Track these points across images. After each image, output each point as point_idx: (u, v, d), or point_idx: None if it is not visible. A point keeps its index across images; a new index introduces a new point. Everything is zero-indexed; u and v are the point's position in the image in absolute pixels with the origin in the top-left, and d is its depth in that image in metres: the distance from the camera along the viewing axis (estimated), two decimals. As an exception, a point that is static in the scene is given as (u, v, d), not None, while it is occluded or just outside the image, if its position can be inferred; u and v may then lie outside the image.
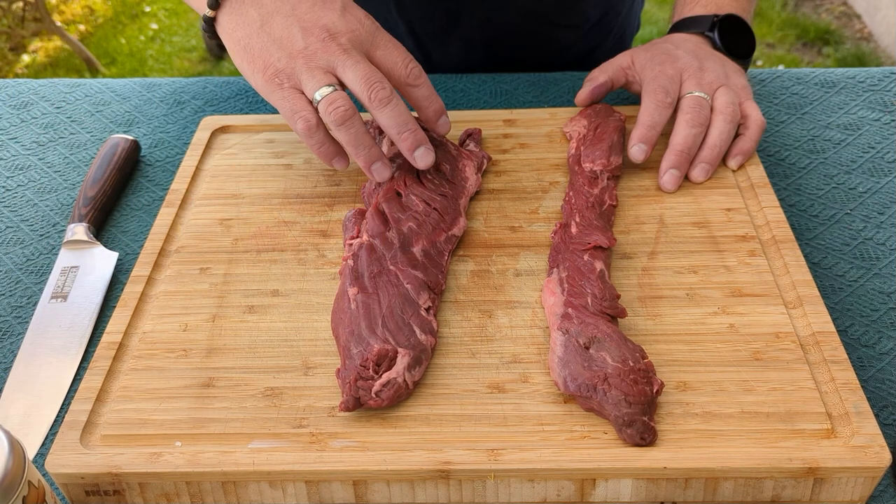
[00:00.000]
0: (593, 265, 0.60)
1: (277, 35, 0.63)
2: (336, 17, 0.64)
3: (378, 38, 0.65)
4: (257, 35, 0.64)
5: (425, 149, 0.64)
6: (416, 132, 0.64)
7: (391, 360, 0.53)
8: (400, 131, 0.63)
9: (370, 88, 0.62)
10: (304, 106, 0.63)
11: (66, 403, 0.59)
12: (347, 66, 0.62)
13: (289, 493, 0.51)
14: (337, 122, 0.62)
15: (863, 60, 2.74)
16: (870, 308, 0.63)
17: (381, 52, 0.65)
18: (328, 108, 0.62)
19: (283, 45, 0.63)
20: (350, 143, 0.63)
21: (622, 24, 1.02)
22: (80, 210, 0.73)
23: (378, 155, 0.64)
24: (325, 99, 0.62)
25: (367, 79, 0.62)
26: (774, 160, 0.79)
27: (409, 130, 0.63)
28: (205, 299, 0.62)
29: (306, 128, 0.63)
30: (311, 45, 0.63)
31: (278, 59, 0.63)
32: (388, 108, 0.62)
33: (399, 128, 0.63)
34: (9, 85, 0.94)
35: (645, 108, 0.72)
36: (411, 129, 0.63)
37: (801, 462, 0.49)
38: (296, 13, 0.64)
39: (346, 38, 0.63)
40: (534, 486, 0.51)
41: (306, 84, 0.62)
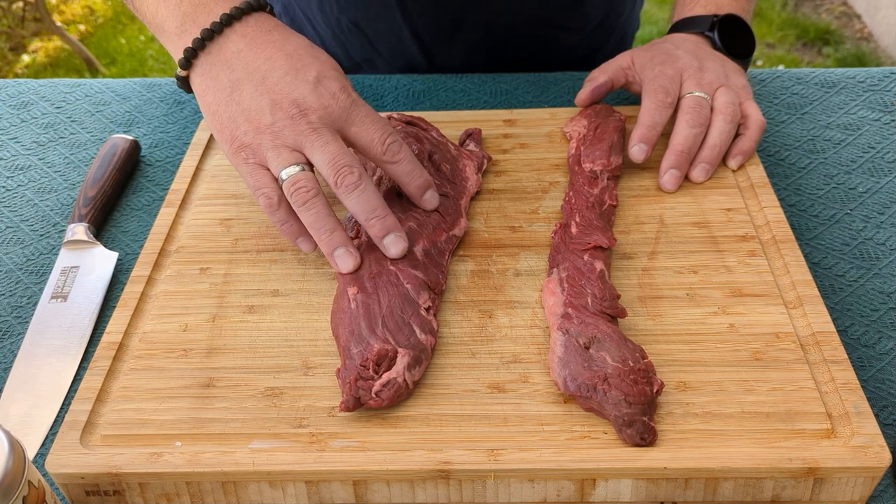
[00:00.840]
0: (593, 265, 0.60)
1: (246, 106, 0.60)
2: (308, 91, 0.60)
3: (353, 114, 0.61)
4: (226, 103, 0.61)
5: (395, 236, 0.60)
6: (386, 218, 0.60)
7: (391, 360, 0.53)
8: (368, 218, 0.59)
9: (337, 173, 0.59)
10: (266, 182, 0.60)
11: (66, 403, 0.59)
12: (316, 146, 0.59)
13: (289, 493, 0.51)
14: (299, 203, 0.59)
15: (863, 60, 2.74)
16: (870, 308, 0.63)
17: (356, 130, 0.61)
18: (291, 188, 0.59)
19: (250, 118, 0.60)
20: (312, 225, 0.60)
21: (624, 26, 1.02)
22: (80, 210, 0.73)
23: (341, 240, 0.60)
24: (289, 179, 0.59)
25: (335, 162, 0.59)
26: (774, 160, 0.79)
27: (378, 217, 0.59)
28: (205, 299, 0.62)
29: (268, 205, 0.60)
30: (278, 121, 0.59)
31: (244, 133, 0.60)
32: (356, 193, 0.59)
33: (367, 214, 0.59)
34: (9, 85, 0.94)
35: (645, 109, 0.72)
36: (380, 215, 0.59)
37: (801, 462, 0.49)
38: (266, 84, 0.60)
39: (316, 116, 0.59)
40: (534, 486, 0.51)
41: (271, 162, 0.60)
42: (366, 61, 0.99)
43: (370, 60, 0.99)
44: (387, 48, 0.96)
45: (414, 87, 0.90)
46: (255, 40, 0.62)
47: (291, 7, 1.00)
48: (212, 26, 0.62)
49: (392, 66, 0.98)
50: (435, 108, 0.87)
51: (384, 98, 0.89)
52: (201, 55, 0.63)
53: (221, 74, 0.62)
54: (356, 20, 0.94)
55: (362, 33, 0.95)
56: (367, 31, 0.95)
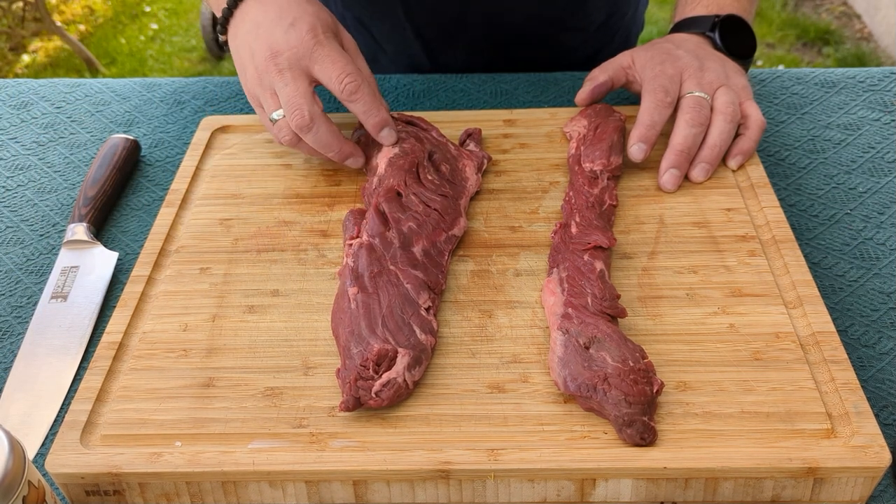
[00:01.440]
0: (593, 265, 0.60)
1: (245, 57, 0.68)
2: (280, 35, 0.66)
3: (316, 54, 0.66)
4: (239, 58, 0.69)
5: (354, 159, 0.70)
6: (341, 151, 0.68)
7: (391, 360, 0.53)
8: (325, 153, 0.68)
9: (290, 115, 0.65)
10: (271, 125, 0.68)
11: (66, 403, 0.59)
12: (278, 88, 0.66)
13: (289, 493, 0.51)
14: (290, 147, 0.68)
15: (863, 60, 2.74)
16: (870, 308, 0.63)
17: (318, 68, 0.66)
18: (278, 134, 0.67)
19: (247, 67, 0.68)
20: (319, 147, 0.68)
21: (627, 26, 1.02)
22: (80, 210, 0.73)
23: (350, 150, 0.69)
24: (276, 124, 0.67)
25: (289, 103, 0.65)
26: (774, 160, 0.79)
27: (334, 151, 0.68)
28: (205, 299, 0.62)
29: (287, 143, 0.68)
30: (259, 65, 0.66)
31: (247, 81, 0.68)
32: (310, 134, 0.66)
33: (324, 150, 0.68)
34: (9, 85, 0.94)
35: (645, 108, 0.72)
36: (335, 149, 0.68)
37: (801, 462, 0.49)
38: (258, 32, 0.67)
39: (284, 58, 0.65)
40: (534, 486, 0.51)
41: (265, 106, 0.67)
42: (371, 59, 0.99)
43: (375, 58, 0.99)
44: (391, 46, 0.96)
45: (414, 87, 0.90)
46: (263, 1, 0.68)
47: None
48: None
49: (396, 63, 0.98)
50: (435, 108, 0.87)
51: (385, 98, 0.89)
52: (231, 20, 0.70)
53: (239, 33, 0.69)
54: (360, 17, 0.95)
55: (366, 30, 0.96)
56: (371, 28, 0.95)
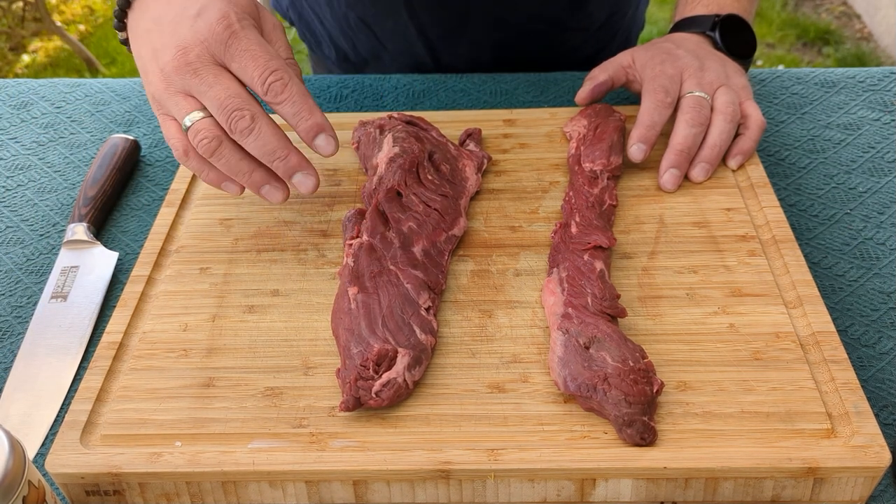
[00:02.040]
0: (593, 265, 0.60)
1: (147, 55, 0.58)
2: (187, 28, 0.56)
3: (231, 48, 0.56)
4: (139, 56, 0.60)
5: (303, 175, 0.57)
6: (288, 159, 0.56)
7: (391, 360, 0.53)
8: (270, 161, 0.56)
9: (228, 118, 0.55)
10: (173, 133, 0.58)
11: (66, 403, 0.59)
12: (201, 91, 0.55)
13: (289, 493, 0.51)
14: (206, 155, 0.56)
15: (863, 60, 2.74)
16: (870, 308, 0.63)
17: (236, 66, 0.56)
18: (194, 140, 0.56)
19: (149, 68, 0.58)
20: (228, 171, 0.57)
21: (628, 26, 1.03)
22: (80, 210, 0.73)
23: (263, 178, 0.58)
24: (191, 129, 0.56)
25: (224, 106, 0.55)
26: (774, 160, 0.79)
27: (279, 158, 0.56)
28: (205, 299, 0.62)
29: (177, 156, 0.58)
30: (164, 65, 0.56)
31: (149, 83, 0.58)
32: (251, 137, 0.55)
33: (267, 157, 0.56)
34: (9, 85, 0.94)
35: (645, 108, 0.72)
36: (281, 156, 0.56)
37: (801, 462, 0.49)
38: (159, 28, 0.58)
39: (194, 54, 0.55)
40: (534, 486, 0.50)
41: (172, 111, 0.57)
42: (373, 57, 0.99)
43: (378, 56, 0.99)
44: (393, 45, 0.97)
45: (414, 87, 0.90)
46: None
47: (299, 2, 1.00)
48: None
49: (399, 62, 0.98)
50: (435, 108, 0.87)
51: (384, 98, 0.89)
52: (129, 14, 0.62)
53: (138, 28, 0.60)
54: (363, 16, 0.95)
55: (369, 29, 0.96)
56: (374, 27, 0.95)
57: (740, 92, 0.73)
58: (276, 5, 1.06)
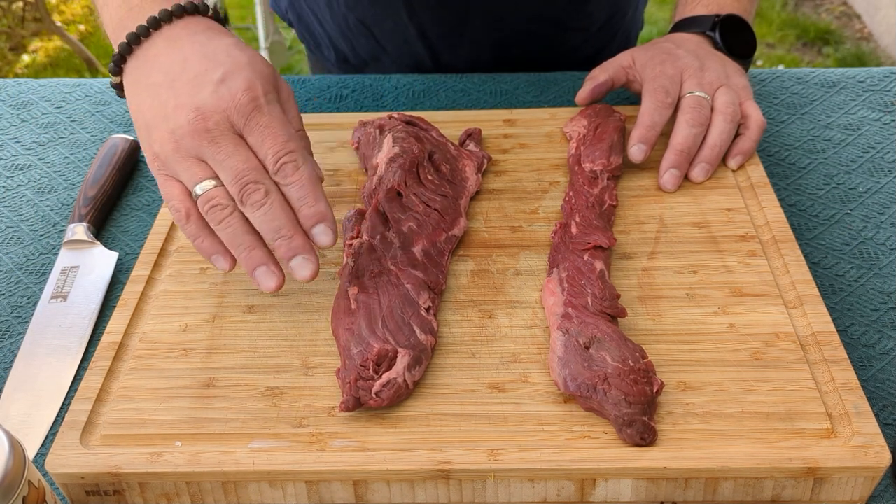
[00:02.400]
0: (593, 265, 0.60)
1: (155, 112, 0.56)
2: (208, 94, 0.55)
3: (252, 120, 0.55)
4: (141, 110, 0.58)
5: (303, 259, 0.55)
6: (293, 239, 0.55)
7: (391, 360, 0.53)
8: (273, 237, 0.55)
9: (242, 190, 0.54)
10: (175, 195, 0.56)
11: (66, 403, 0.59)
12: (218, 160, 0.55)
13: (289, 493, 0.51)
14: (214, 223, 0.55)
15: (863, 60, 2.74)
16: (870, 308, 0.63)
17: (252, 140, 0.55)
18: (205, 207, 0.55)
19: (157, 126, 0.56)
20: (230, 243, 0.56)
21: (628, 26, 1.03)
22: (80, 210, 0.73)
23: (262, 259, 0.56)
24: (203, 196, 0.55)
25: (238, 178, 0.54)
26: (774, 160, 0.79)
27: (283, 237, 0.55)
28: (205, 299, 0.62)
29: (178, 219, 0.56)
30: (178, 128, 0.55)
31: (154, 141, 0.56)
32: (261, 212, 0.54)
33: (272, 234, 0.55)
34: (9, 85, 0.94)
35: (645, 109, 0.72)
36: (286, 235, 0.55)
37: (801, 462, 0.49)
38: (175, 87, 0.56)
39: (213, 122, 0.54)
40: (534, 486, 0.50)
41: (181, 175, 0.56)
42: (373, 59, 0.99)
43: (377, 58, 0.99)
44: (393, 47, 0.96)
45: (414, 87, 0.90)
46: (177, 42, 0.58)
47: (299, 3, 1.00)
48: (138, 30, 0.58)
49: (399, 64, 0.98)
50: (435, 108, 0.87)
51: (384, 98, 0.89)
52: (129, 60, 0.59)
53: (142, 78, 0.58)
54: (363, 18, 0.94)
55: (369, 31, 0.96)
56: (373, 29, 0.95)
57: (740, 92, 0.73)
58: (274, 7, 1.06)
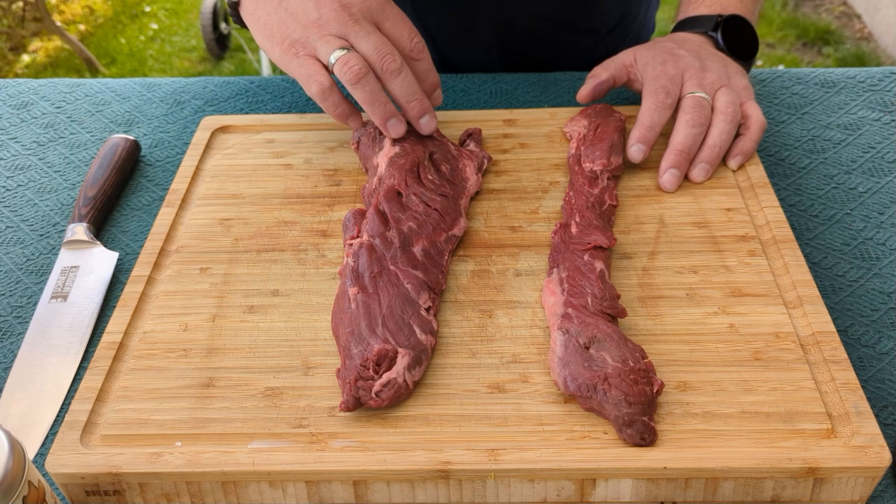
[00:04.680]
0: (593, 265, 0.60)
1: (294, 9, 0.67)
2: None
3: (388, 11, 0.68)
4: (275, 11, 0.68)
5: (430, 116, 0.70)
6: (423, 101, 0.69)
7: (391, 360, 0.53)
8: (409, 100, 0.68)
9: (382, 59, 0.66)
10: (318, 70, 0.66)
11: (66, 403, 0.59)
12: (360, 35, 0.66)
13: (289, 493, 0.51)
14: (352, 81, 0.65)
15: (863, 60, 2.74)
16: (870, 308, 0.63)
17: (390, 25, 0.68)
18: (343, 67, 0.65)
19: (298, 18, 0.67)
20: (366, 100, 0.67)
21: (638, 29, 1.02)
22: (80, 210, 0.73)
23: (393, 111, 0.68)
24: (339, 60, 0.65)
25: (379, 49, 0.66)
26: (774, 160, 0.79)
27: (417, 100, 0.68)
28: (205, 299, 0.62)
29: (320, 90, 0.67)
30: (324, 15, 0.66)
31: (294, 30, 0.67)
32: (399, 78, 0.67)
33: (408, 97, 0.68)
34: (9, 85, 0.94)
35: (645, 109, 0.72)
36: (418, 98, 0.68)
37: (802, 462, 0.49)
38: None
39: (357, 9, 0.66)
40: (534, 486, 0.51)
41: (320, 50, 0.66)
42: None
43: None
44: None
45: (414, 87, 0.90)
46: None
47: None
48: None
49: None
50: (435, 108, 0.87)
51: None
52: None
53: None
54: None
55: None
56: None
57: (741, 92, 0.73)
58: None
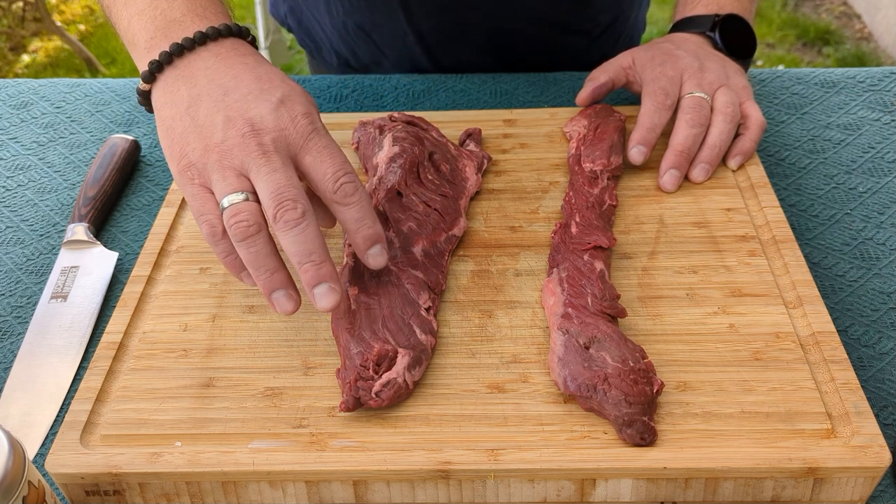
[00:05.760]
0: (593, 265, 0.60)
1: (200, 121, 0.56)
2: (267, 111, 0.55)
3: (311, 142, 0.55)
4: (180, 118, 0.56)
5: (328, 288, 0.53)
6: (321, 266, 0.53)
7: (391, 361, 0.53)
8: (301, 261, 0.53)
9: (279, 205, 0.52)
10: (211, 209, 0.55)
11: (66, 403, 0.59)
12: (262, 172, 0.53)
13: (289, 493, 0.51)
14: (237, 239, 0.53)
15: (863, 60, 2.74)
16: (870, 308, 0.63)
17: (310, 160, 0.55)
18: (231, 220, 0.53)
19: (201, 134, 0.55)
20: (251, 264, 0.54)
21: (630, 31, 1.02)
22: (80, 210, 0.73)
23: (282, 282, 0.54)
24: (230, 209, 0.53)
25: (279, 193, 0.53)
26: (774, 160, 0.79)
27: (312, 262, 0.53)
28: (205, 299, 0.62)
29: (210, 234, 0.55)
30: (229, 138, 0.54)
31: (193, 150, 0.55)
32: (293, 232, 0.53)
33: (301, 257, 0.53)
34: (9, 85, 0.94)
35: (645, 110, 0.72)
36: (315, 261, 0.53)
37: (801, 462, 0.49)
38: (226, 100, 0.56)
39: (269, 138, 0.54)
40: (534, 486, 0.51)
41: (215, 185, 0.54)
42: (373, 63, 0.99)
43: (378, 63, 0.99)
44: (393, 51, 0.96)
45: (414, 87, 0.90)
46: (226, 60, 0.58)
47: (299, 8, 1.00)
48: (183, 41, 0.58)
49: (398, 68, 0.98)
50: (435, 108, 0.87)
51: (384, 98, 0.89)
52: (167, 69, 0.59)
53: (182, 88, 0.57)
54: (361, 23, 0.94)
55: (368, 36, 0.95)
56: (372, 34, 0.95)
57: (740, 92, 0.73)
58: (273, 12, 1.06)
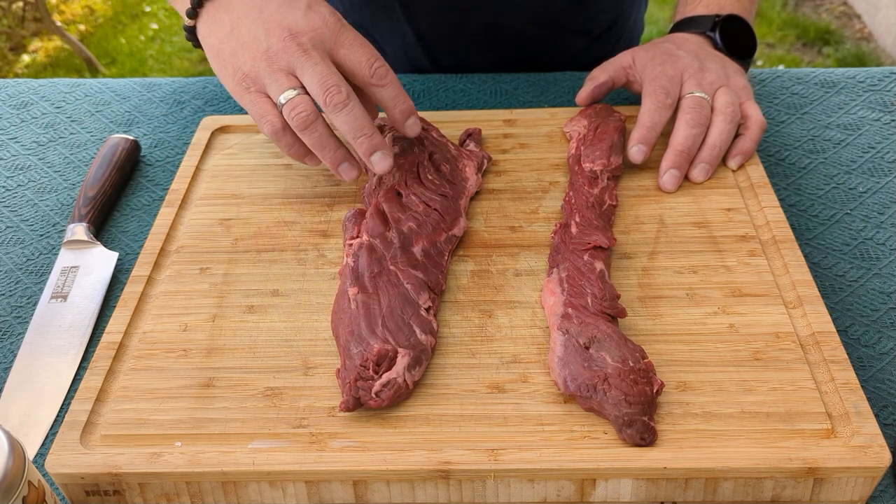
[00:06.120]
0: (593, 265, 0.60)
1: (244, 38, 0.64)
2: (299, 17, 0.63)
3: (342, 37, 0.64)
4: (227, 40, 0.65)
5: (381, 154, 0.63)
6: (372, 137, 0.63)
7: (391, 360, 0.53)
8: (355, 136, 0.63)
9: (326, 92, 0.62)
10: (269, 110, 0.63)
11: (66, 403, 0.59)
12: (306, 67, 0.62)
13: (289, 493, 0.51)
14: (299, 128, 0.62)
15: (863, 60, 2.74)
16: (870, 308, 0.63)
17: (345, 52, 0.64)
18: (291, 113, 0.62)
19: (248, 48, 0.64)
20: (315, 146, 0.64)
21: (630, 31, 1.02)
22: (80, 210, 0.73)
23: (344, 156, 0.65)
24: (287, 104, 0.62)
25: (324, 82, 0.62)
26: (774, 160, 0.79)
27: (365, 136, 0.63)
28: (205, 299, 0.62)
29: (272, 132, 0.64)
30: (272, 45, 0.63)
31: (244, 63, 0.64)
32: (343, 112, 0.62)
33: (354, 132, 0.63)
34: (9, 85, 0.94)
35: (645, 109, 0.72)
36: (367, 133, 0.63)
37: (801, 462, 0.49)
38: (262, 15, 0.64)
39: (307, 38, 0.63)
40: (534, 486, 0.51)
41: (269, 87, 0.63)
42: None
43: None
44: (392, 50, 0.96)
45: (414, 87, 0.90)
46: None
47: None
48: None
49: (397, 67, 0.98)
50: (435, 108, 0.87)
51: (384, 98, 0.89)
52: (206, 3, 0.67)
53: (223, 16, 0.66)
54: (360, 22, 0.94)
55: (367, 35, 0.95)
56: (371, 32, 0.95)
57: (740, 92, 0.73)
58: None
